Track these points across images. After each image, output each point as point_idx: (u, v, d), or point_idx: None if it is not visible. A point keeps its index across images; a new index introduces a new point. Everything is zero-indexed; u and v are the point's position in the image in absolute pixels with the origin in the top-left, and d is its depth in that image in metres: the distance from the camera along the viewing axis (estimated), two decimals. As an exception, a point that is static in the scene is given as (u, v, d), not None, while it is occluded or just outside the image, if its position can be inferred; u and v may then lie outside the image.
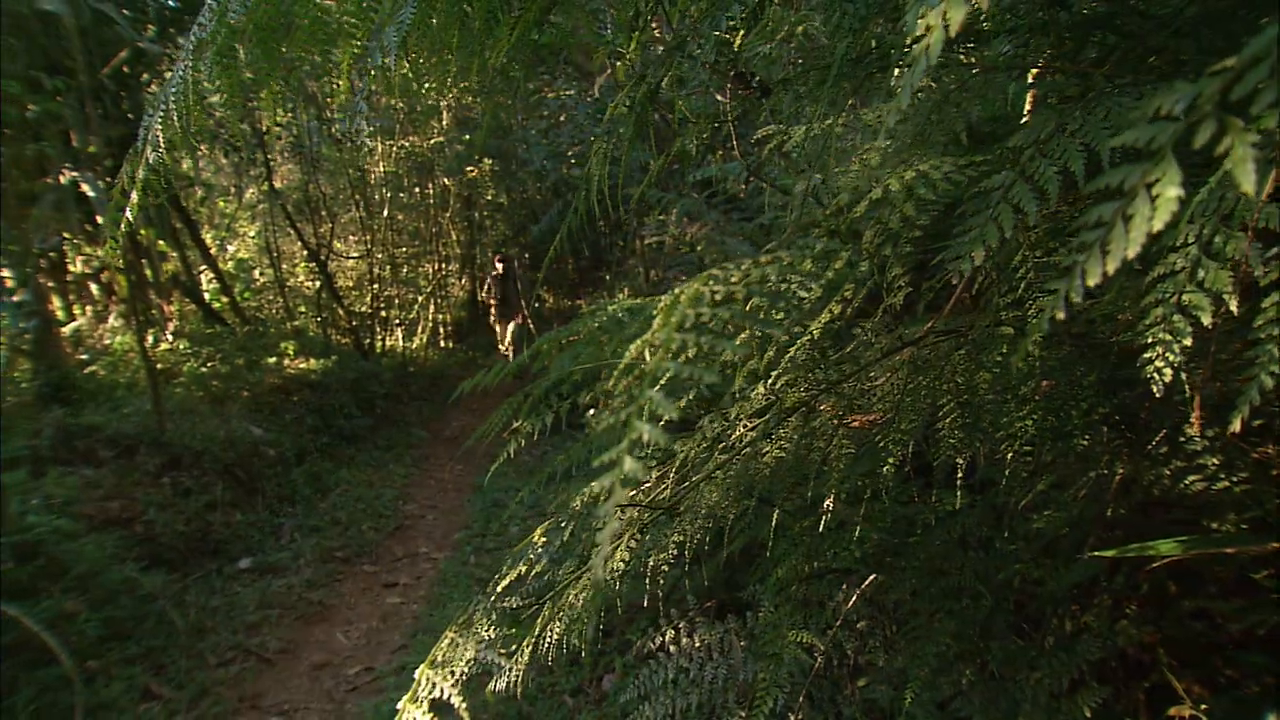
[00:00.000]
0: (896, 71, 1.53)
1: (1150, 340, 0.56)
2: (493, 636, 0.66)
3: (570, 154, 7.01)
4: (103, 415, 4.68)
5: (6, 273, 4.46)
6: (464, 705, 0.54)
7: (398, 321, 9.35)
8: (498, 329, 9.02)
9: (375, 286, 8.69)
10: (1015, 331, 0.83)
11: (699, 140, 1.26)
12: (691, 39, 1.04)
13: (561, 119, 7.11)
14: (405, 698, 0.59)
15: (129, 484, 4.33)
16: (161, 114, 0.79)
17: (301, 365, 6.62)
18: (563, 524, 0.76)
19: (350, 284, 9.23)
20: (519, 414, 1.76)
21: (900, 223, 0.55)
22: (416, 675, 0.59)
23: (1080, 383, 0.94)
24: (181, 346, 6.23)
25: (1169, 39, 0.65)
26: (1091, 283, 0.35)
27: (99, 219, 5.56)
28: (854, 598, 1.23)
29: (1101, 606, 1.40)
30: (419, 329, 9.57)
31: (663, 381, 0.41)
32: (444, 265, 10.00)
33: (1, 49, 3.54)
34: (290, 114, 6.96)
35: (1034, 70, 1.17)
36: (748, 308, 0.41)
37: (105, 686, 2.87)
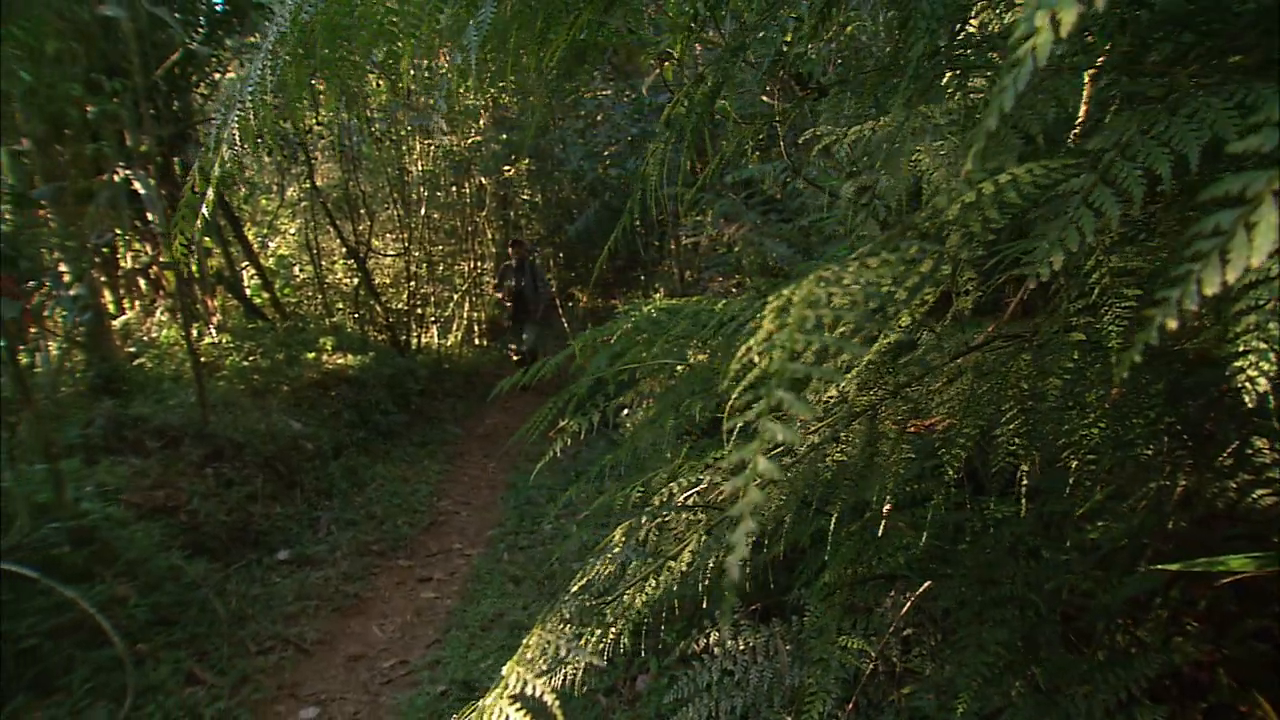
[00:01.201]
0: (948, 75, 1.50)
1: (1242, 348, 0.54)
2: (585, 635, 0.67)
3: (606, 154, 7.04)
4: (150, 406, 4.80)
5: (64, 267, 4.60)
6: (557, 704, 0.55)
7: (433, 319, 9.46)
8: (506, 324, 8.64)
9: (412, 284, 8.80)
10: (1086, 338, 0.81)
11: (754, 141, 1.25)
12: (750, 40, 1.03)
13: (598, 118, 7.13)
14: (495, 693, 0.59)
15: (174, 474, 4.43)
16: (239, 112, 0.81)
17: (339, 361, 6.72)
18: (643, 522, 0.76)
19: (387, 281, 9.36)
20: (565, 413, 1.77)
21: (981, 227, 0.54)
22: (505, 671, 0.59)
23: (1146, 390, 0.92)
24: (224, 341, 6.37)
25: (1260, 37, 0.63)
26: (1209, 292, 0.34)
27: (149, 215, 5.72)
28: (907, 605, 1.21)
29: (1157, 622, 1.36)
30: (454, 327, 9.67)
31: (748, 381, 0.41)
32: (479, 264, 10.09)
33: (65, 53, 3.66)
34: (333, 113, 7.09)
35: (1092, 70, 1.15)
36: (832, 310, 0.41)
37: (153, 670, 2.94)
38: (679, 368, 1.97)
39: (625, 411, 3.32)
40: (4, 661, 2.60)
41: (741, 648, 1.34)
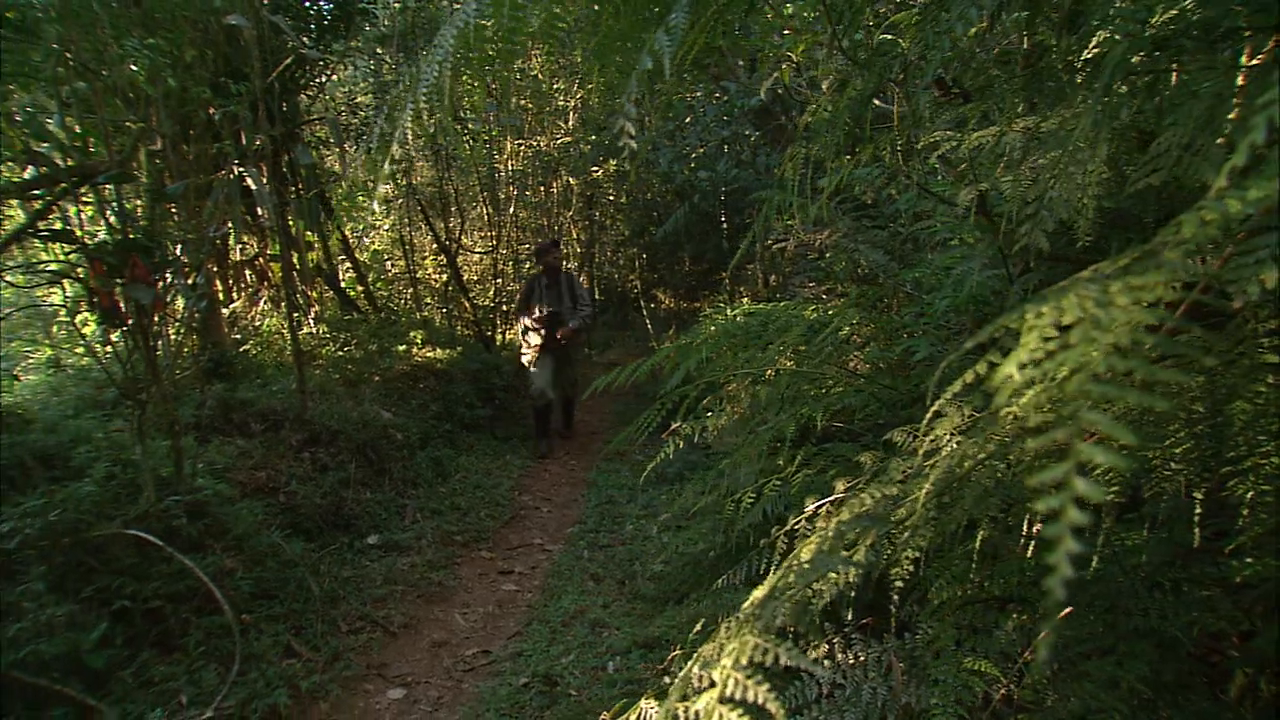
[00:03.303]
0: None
1: None
2: (799, 640, 0.67)
3: (693, 156, 7.02)
4: (254, 391, 5.04)
5: (184, 258, 4.90)
6: (781, 711, 0.55)
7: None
8: (530, 360, 6.37)
9: (498, 281, 9.00)
10: (1281, 360, 0.75)
11: (893, 146, 1.22)
12: (905, 47, 1.01)
13: (687, 120, 7.13)
14: (709, 696, 0.60)
15: (275, 456, 4.65)
16: (412, 113, 0.85)
17: (428, 354, 6.93)
18: (837, 532, 0.75)
19: (475, 278, 9.61)
20: (676, 416, 1.78)
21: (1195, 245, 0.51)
22: (718, 676, 0.60)
23: (1331, 419, 0.85)
24: (321, 331, 6.66)
25: None
26: None
27: (259, 210, 6.04)
28: (1044, 633, 1.15)
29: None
30: (537, 324, 9.82)
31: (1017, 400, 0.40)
32: (564, 264, 10.23)
33: (197, 60, 3.92)
34: (433, 114, 7.31)
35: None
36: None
37: (256, 639, 3.10)
38: (780, 374, 1.95)
39: (710, 415, 3.30)
40: (134, 619, 2.79)
41: (852, 662, 1.30)
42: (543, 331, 6.35)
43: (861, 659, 1.29)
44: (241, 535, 3.55)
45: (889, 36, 1.44)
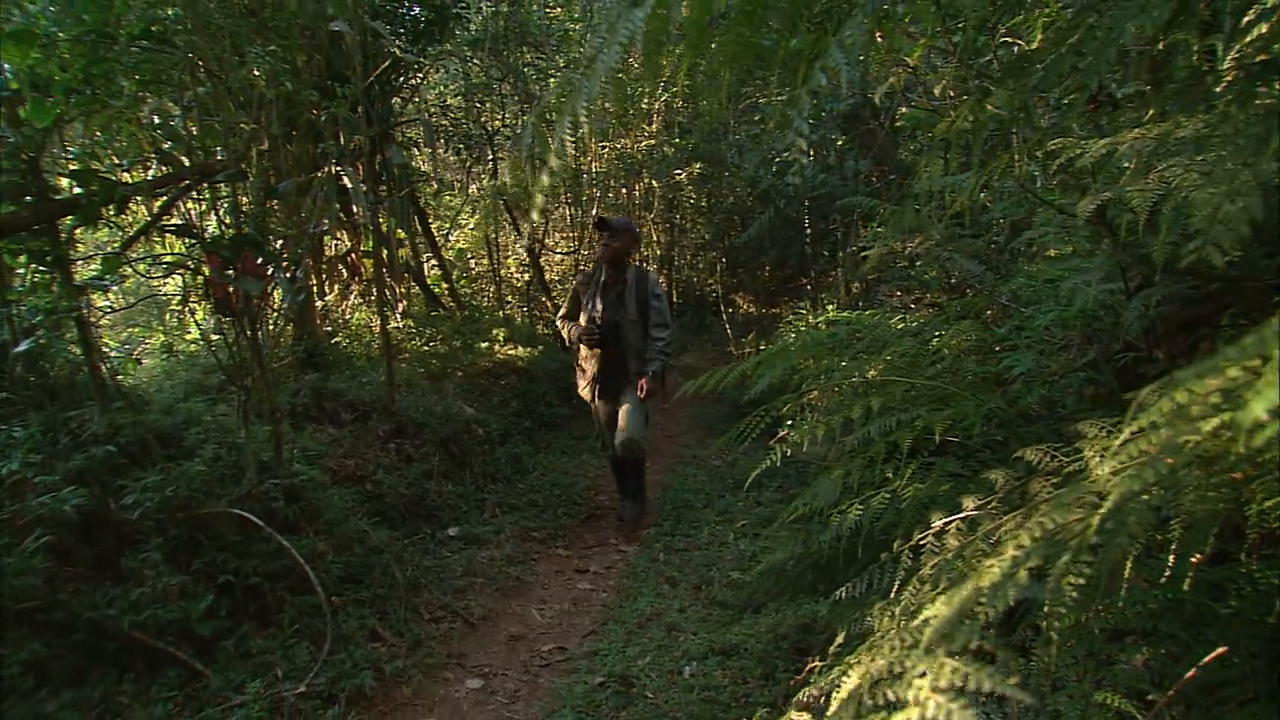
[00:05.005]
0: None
1: None
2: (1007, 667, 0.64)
3: (777, 160, 6.93)
4: (345, 382, 5.23)
5: (284, 253, 5.14)
6: None
7: (598, 316, 9.71)
8: (587, 394, 4.75)
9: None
10: None
11: (1030, 155, 1.16)
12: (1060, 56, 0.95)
13: (771, 124, 7.05)
14: (907, 715, 0.58)
15: (363, 446, 4.82)
16: (570, 122, 0.85)
17: (510, 352, 7.06)
18: (1023, 555, 0.71)
19: (556, 278, 9.76)
20: (781, 424, 1.74)
21: None
22: (918, 697, 0.58)
23: None
24: (406, 326, 6.87)
25: None
26: None
27: (354, 208, 6.29)
28: (1191, 671, 1.07)
29: None
30: (616, 325, 9.88)
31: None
32: (644, 265, 10.25)
33: (306, 64, 4.12)
34: (517, 114, 7.47)
35: None
36: None
37: (344, 621, 3.21)
38: (891, 384, 1.88)
39: (790, 423, 3.23)
40: (236, 593, 2.94)
41: (960, 685, 1.24)
42: (593, 350, 4.60)
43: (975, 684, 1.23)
44: (332, 520, 3.69)
45: (1014, 41, 1.37)
